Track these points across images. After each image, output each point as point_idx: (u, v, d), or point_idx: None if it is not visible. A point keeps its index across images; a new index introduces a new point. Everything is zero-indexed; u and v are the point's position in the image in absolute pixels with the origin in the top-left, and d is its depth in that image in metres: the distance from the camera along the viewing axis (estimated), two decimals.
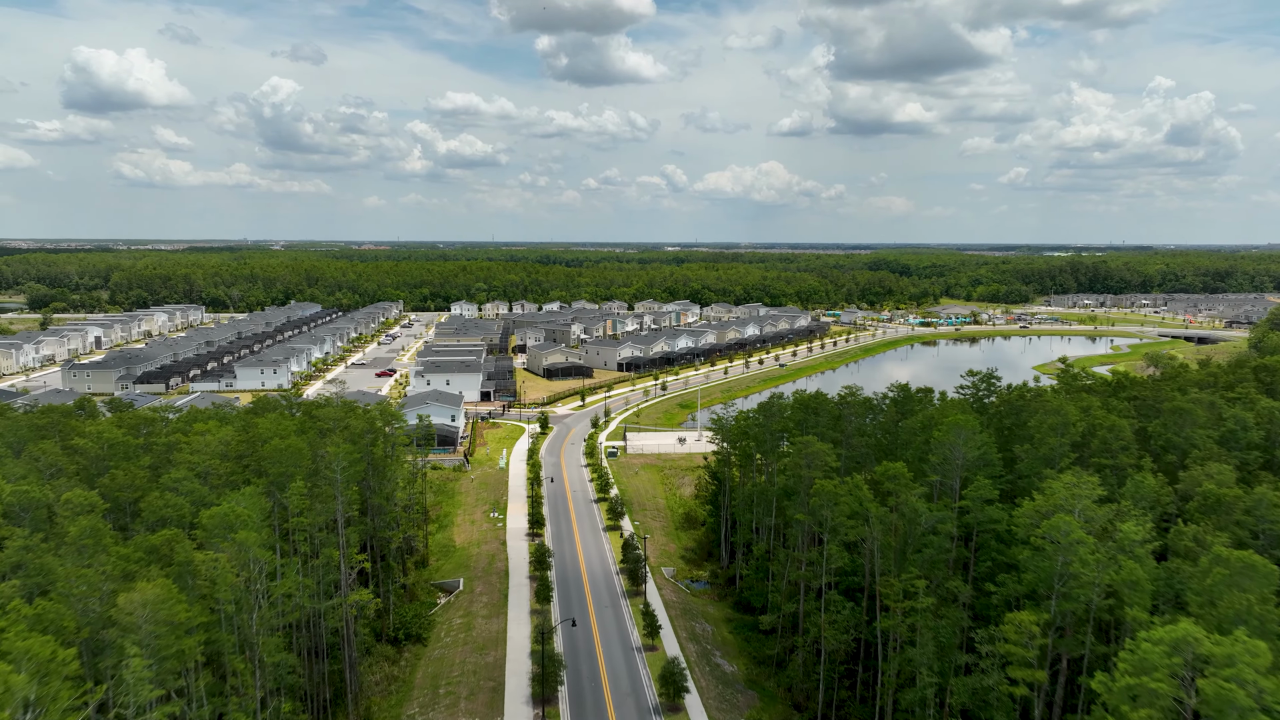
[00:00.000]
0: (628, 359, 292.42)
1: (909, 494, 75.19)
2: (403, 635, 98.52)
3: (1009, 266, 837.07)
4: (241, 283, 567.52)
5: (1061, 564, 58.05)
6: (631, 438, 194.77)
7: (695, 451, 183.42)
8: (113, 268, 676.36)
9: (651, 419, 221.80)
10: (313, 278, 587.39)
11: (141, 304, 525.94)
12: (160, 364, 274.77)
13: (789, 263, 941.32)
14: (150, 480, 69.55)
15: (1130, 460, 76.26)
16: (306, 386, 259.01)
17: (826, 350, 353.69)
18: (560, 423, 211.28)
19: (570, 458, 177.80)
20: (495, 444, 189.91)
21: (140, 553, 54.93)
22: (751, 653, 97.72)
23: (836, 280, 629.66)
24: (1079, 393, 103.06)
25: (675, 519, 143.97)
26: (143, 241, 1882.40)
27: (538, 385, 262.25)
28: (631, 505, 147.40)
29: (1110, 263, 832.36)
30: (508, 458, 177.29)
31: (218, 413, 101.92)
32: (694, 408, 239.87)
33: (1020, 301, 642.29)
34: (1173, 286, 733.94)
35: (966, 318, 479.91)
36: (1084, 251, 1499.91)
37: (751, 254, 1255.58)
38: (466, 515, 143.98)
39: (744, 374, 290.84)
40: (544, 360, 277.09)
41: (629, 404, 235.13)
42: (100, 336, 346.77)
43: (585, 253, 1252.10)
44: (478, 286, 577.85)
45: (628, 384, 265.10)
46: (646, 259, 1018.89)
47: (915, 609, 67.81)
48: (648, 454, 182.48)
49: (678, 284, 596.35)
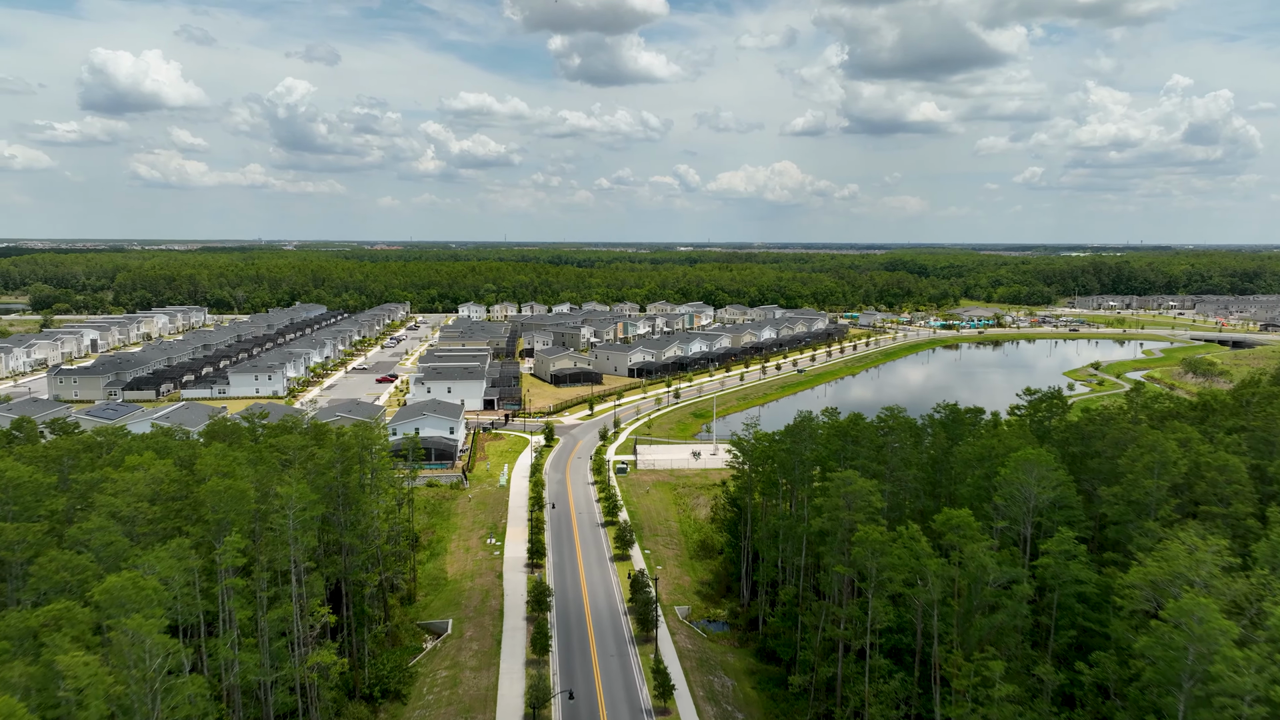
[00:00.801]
0: (639, 364, 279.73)
1: (975, 546, 62.05)
2: (378, 692, 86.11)
3: (1029, 267, 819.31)
4: (247, 284, 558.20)
5: (1193, 658, 45.02)
6: (642, 451, 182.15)
7: (711, 467, 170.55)
8: (120, 268, 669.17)
9: (664, 430, 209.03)
10: (319, 278, 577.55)
11: (145, 305, 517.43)
12: (153, 369, 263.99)
13: (803, 263, 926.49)
14: (51, 534, 57.40)
15: (1248, 509, 62.87)
16: (303, 393, 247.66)
17: (846, 354, 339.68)
18: (567, 434, 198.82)
19: (576, 474, 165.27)
20: (497, 458, 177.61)
21: (7, 641, 42.67)
22: (780, 716, 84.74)
23: (853, 281, 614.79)
24: (1166, 419, 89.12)
25: (690, 546, 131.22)
26: (157, 241, 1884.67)
27: (544, 392, 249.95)
28: (641, 530, 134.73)
29: (1133, 263, 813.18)
30: (509, 474, 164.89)
31: (160, 439, 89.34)
32: (709, 417, 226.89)
33: (1042, 303, 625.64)
34: (1198, 287, 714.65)
35: (989, 320, 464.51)
36: (1101, 251, 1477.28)
37: (765, 254, 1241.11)
38: (461, 541, 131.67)
39: (761, 380, 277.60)
40: (551, 366, 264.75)
41: (640, 413, 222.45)
42: (96, 339, 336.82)
43: (597, 253, 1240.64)
44: (486, 288, 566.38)
45: (639, 391, 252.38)
46: (659, 259, 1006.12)
47: (990, 697, 54.73)
48: (659, 470, 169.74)
49: (691, 285, 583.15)
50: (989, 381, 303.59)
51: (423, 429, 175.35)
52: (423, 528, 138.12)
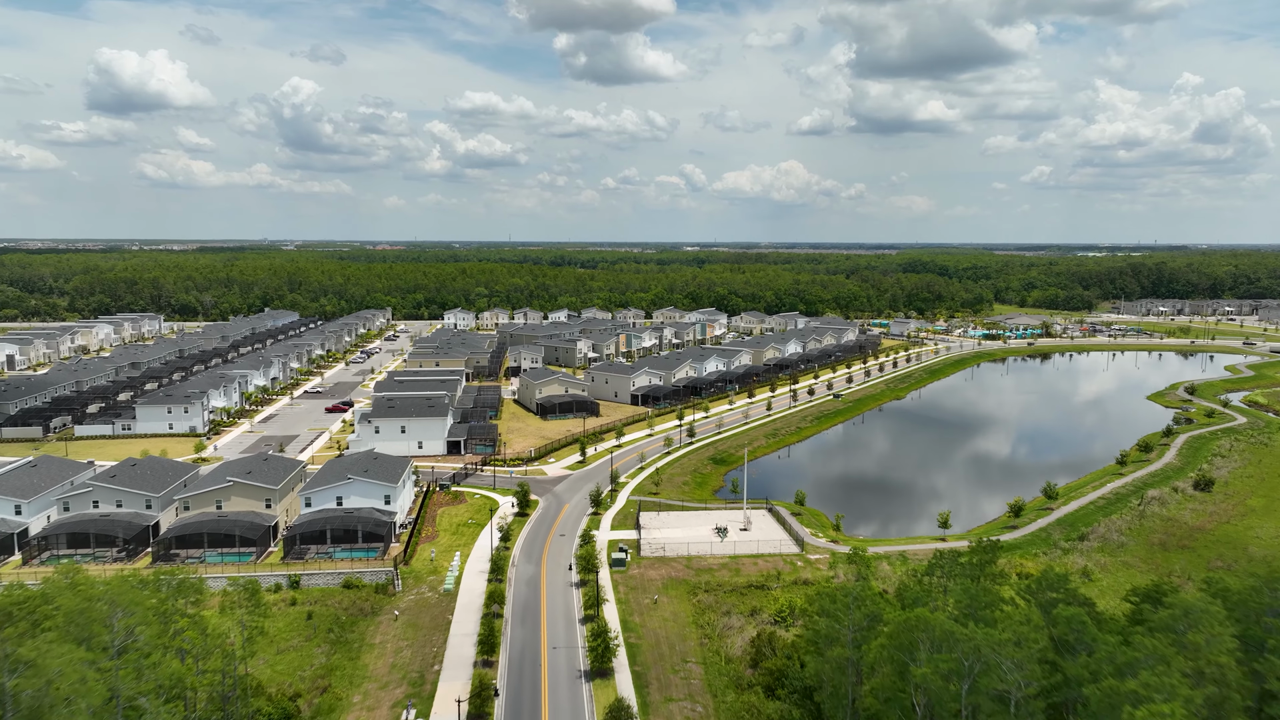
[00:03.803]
0: (644, 389, 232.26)
1: None
2: None
3: (1060, 268, 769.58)
4: (216, 288, 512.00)
5: None
6: (648, 524, 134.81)
7: (744, 553, 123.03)
8: (89, 269, 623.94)
9: (676, 485, 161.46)
10: (295, 281, 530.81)
11: (104, 310, 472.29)
12: (53, 396, 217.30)
13: (817, 264, 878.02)
14: None
15: None
16: (229, 429, 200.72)
17: (886, 373, 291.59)
18: (549, 493, 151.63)
19: (556, 567, 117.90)
20: (449, 536, 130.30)
21: None
22: None
23: (878, 285, 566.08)
24: None
25: (724, 711, 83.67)
26: (162, 241, 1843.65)
27: (528, 427, 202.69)
28: (649, 681, 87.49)
29: (1170, 264, 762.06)
30: (461, 567, 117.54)
31: None
32: (732, 462, 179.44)
33: (1083, 307, 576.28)
34: (1245, 290, 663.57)
35: (1037, 329, 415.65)
36: (1116, 251, 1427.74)
37: (775, 254, 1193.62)
38: (365, 708, 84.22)
39: (792, 409, 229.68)
40: (538, 392, 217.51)
41: (644, 460, 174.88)
42: (14, 355, 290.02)
43: (601, 253, 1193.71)
44: (478, 292, 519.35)
45: (644, 426, 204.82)
46: (665, 260, 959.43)
47: None
48: (672, 558, 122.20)
49: (700, 288, 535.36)
50: (1066, 412, 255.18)
51: (348, 498, 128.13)
52: (315, 673, 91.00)
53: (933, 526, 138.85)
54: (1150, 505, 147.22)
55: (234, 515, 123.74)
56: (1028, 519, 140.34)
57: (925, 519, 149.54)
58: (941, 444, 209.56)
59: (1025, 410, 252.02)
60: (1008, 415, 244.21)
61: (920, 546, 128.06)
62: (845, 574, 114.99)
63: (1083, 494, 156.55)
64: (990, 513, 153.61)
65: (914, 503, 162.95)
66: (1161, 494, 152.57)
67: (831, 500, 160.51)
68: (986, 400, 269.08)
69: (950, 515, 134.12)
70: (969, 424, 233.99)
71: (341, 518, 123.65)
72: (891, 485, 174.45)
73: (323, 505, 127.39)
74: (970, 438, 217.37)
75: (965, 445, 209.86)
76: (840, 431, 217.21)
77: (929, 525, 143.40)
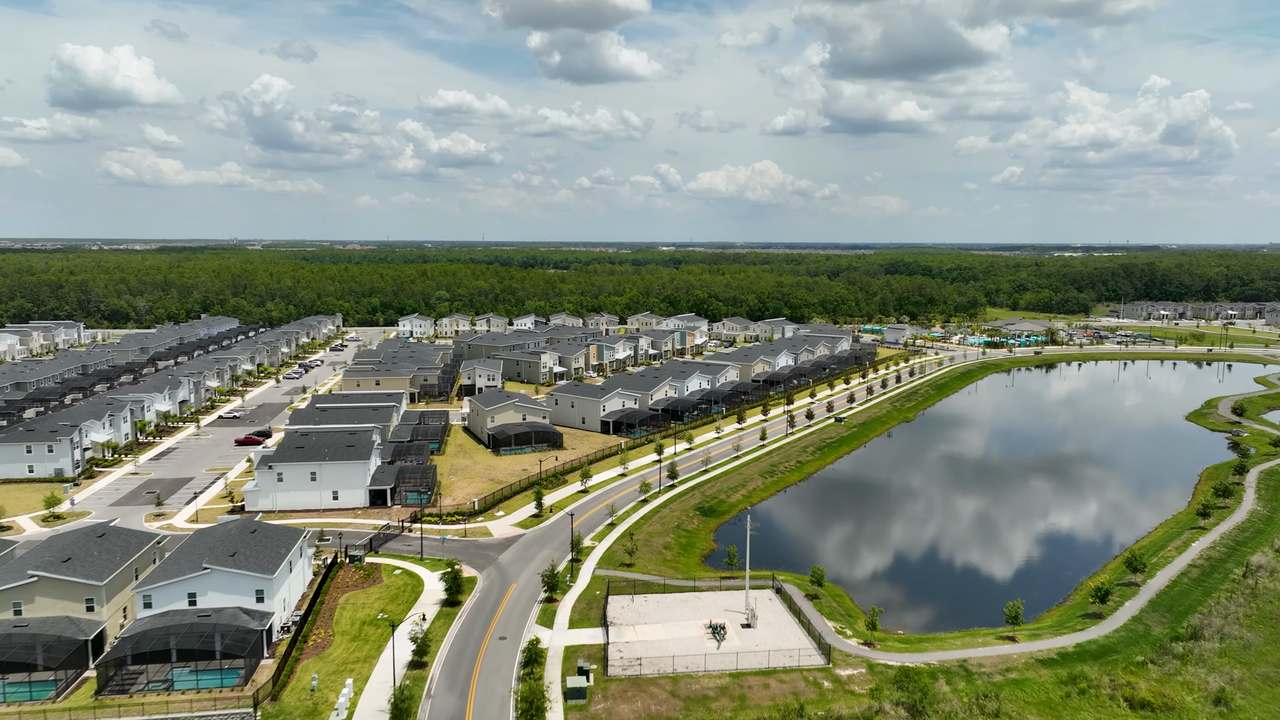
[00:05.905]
0: (617, 414, 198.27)
1: None
2: None
3: (1049, 268, 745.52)
4: (152, 291, 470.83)
5: None
6: (619, 615, 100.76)
7: (750, 669, 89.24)
8: (20, 269, 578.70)
9: (655, 550, 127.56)
10: (240, 285, 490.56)
11: (24, 317, 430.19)
12: None
13: (797, 264, 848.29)
14: None
15: None
16: (111, 469, 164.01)
17: (889, 389, 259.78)
18: (492, 565, 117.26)
19: (490, 697, 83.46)
20: (348, 642, 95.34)
21: None
22: None
23: (866, 287, 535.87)
24: None
25: None
26: (128, 240, 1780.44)
27: (476, 465, 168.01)
28: None
29: (1160, 264, 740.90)
30: (354, 702, 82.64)
31: None
32: (723, 513, 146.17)
33: (1079, 311, 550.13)
34: (1239, 292, 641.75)
35: (1041, 335, 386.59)
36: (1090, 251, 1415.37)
37: (752, 254, 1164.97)
38: None
39: (789, 436, 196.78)
40: (490, 420, 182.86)
41: (615, 514, 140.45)
42: None
43: (575, 253, 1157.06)
44: (439, 296, 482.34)
45: (615, 463, 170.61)
46: (641, 260, 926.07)
47: None
48: (651, 677, 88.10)
49: (678, 292, 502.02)
50: (1102, 439, 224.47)
51: (204, 595, 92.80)
52: None
53: (992, 611, 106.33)
54: (1259, 577, 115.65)
55: (37, 625, 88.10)
56: (1114, 604, 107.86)
57: (976, 594, 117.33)
58: (970, 481, 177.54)
59: (1055, 436, 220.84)
60: (1037, 443, 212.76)
61: (986, 652, 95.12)
62: (893, 709, 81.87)
63: (1168, 559, 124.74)
64: (1054, 582, 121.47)
65: (956, 569, 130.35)
66: (1267, 561, 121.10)
67: (854, 569, 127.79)
68: (1006, 423, 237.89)
69: (1021, 606, 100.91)
70: (994, 455, 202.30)
71: (190, 626, 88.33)
72: (923, 545, 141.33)
73: (168, 605, 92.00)
74: (1001, 474, 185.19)
75: (998, 483, 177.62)
76: (848, 466, 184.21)
77: (982, 604, 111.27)
